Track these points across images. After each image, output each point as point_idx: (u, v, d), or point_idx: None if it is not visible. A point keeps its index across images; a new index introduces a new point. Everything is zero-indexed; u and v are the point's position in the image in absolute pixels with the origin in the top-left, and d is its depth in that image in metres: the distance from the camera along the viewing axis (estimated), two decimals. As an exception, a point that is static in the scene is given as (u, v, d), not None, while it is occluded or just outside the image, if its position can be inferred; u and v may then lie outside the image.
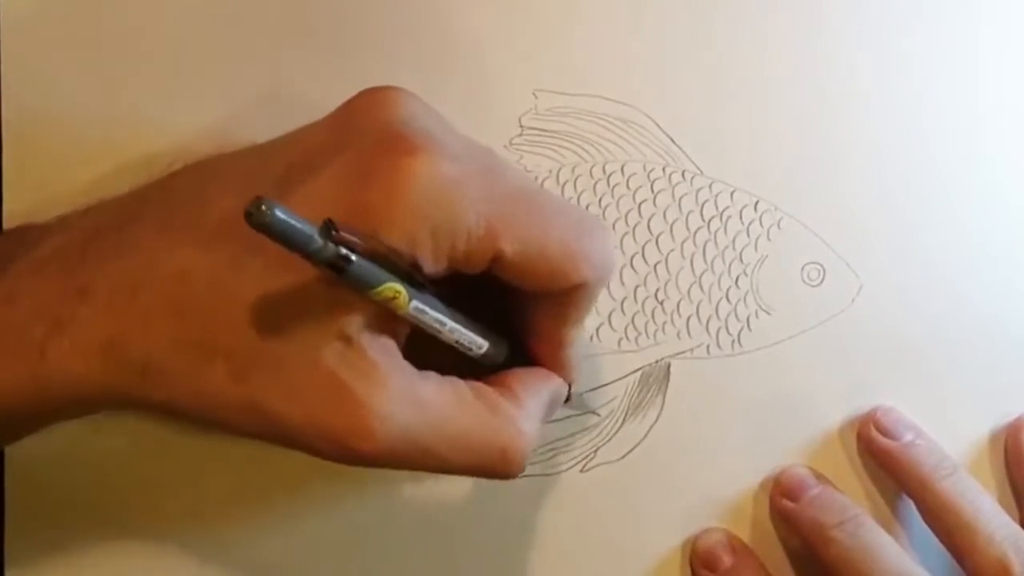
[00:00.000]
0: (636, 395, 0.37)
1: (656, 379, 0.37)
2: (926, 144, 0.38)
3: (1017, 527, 0.35)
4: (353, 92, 0.35)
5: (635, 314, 0.37)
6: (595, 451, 0.37)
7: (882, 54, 0.38)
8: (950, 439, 0.37)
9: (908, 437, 0.37)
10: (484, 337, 0.30)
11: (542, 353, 0.32)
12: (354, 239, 0.25)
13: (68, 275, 0.28)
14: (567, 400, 0.33)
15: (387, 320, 0.27)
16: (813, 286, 0.37)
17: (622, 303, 0.37)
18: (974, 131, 0.38)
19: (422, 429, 0.27)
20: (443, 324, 0.28)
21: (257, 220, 0.22)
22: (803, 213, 0.37)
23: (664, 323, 0.37)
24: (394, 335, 0.28)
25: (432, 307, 0.27)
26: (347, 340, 0.26)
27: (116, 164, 0.35)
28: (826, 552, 0.35)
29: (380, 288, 0.25)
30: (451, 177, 0.26)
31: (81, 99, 0.35)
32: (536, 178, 0.37)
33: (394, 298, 0.26)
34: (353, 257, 0.24)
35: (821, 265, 0.37)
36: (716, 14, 0.37)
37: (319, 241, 0.24)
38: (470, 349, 0.30)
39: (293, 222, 0.23)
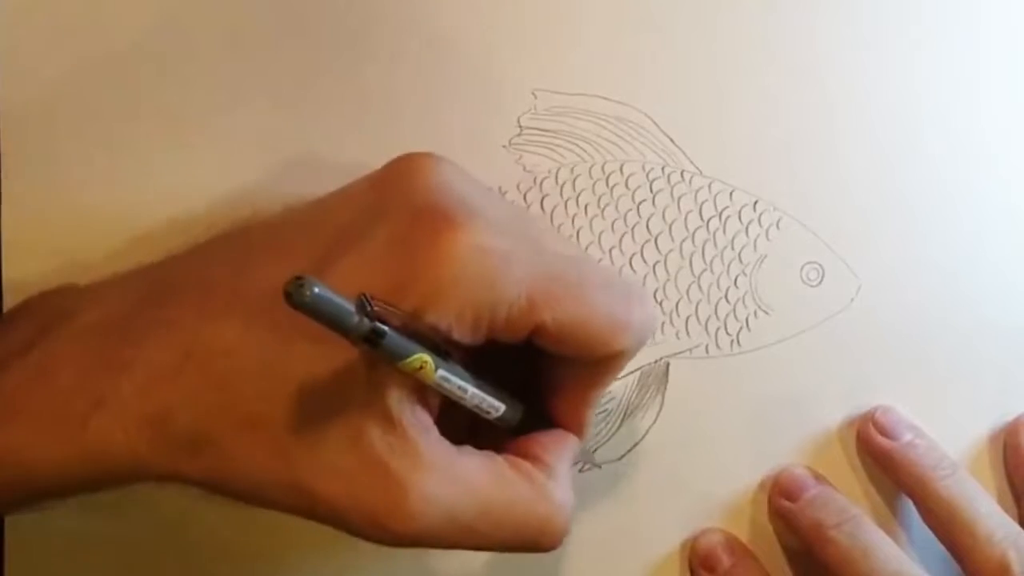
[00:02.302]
0: (635, 395, 0.37)
1: (655, 379, 0.37)
2: (926, 143, 0.38)
3: (1016, 527, 0.35)
4: (352, 95, 0.36)
5: (634, 314, 0.37)
6: (594, 451, 0.37)
7: (882, 54, 0.38)
8: (950, 439, 0.37)
9: (907, 437, 0.37)
10: (500, 400, 0.30)
11: (561, 412, 0.31)
12: (389, 313, 0.25)
13: (109, 349, 0.28)
14: None
15: (422, 395, 0.27)
16: (812, 286, 0.37)
17: (621, 303, 0.37)
18: (974, 130, 0.38)
19: (463, 508, 0.27)
20: (464, 391, 0.28)
21: (297, 300, 0.23)
22: (802, 213, 0.37)
23: (663, 323, 0.37)
24: (429, 409, 0.28)
25: (456, 374, 0.27)
26: (389, 420, 0.27)
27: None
28: (825, 552, 0.35)
29: (410, 359, 0.25)
30: (492, 251, 0.26)
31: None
32: (535, 178, 0.37)
33: (421, 368, 0.26)
34: (387, 330, 0.24)
35: (820, 265, 0.37)
36: (715, 14, 0.37)
37: (356, 318, 0.24)
38: (488, 412, 0.29)
39: (332, 299, 0.23)
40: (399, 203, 0.27)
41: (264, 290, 0.27)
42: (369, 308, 0.24)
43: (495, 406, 0.29)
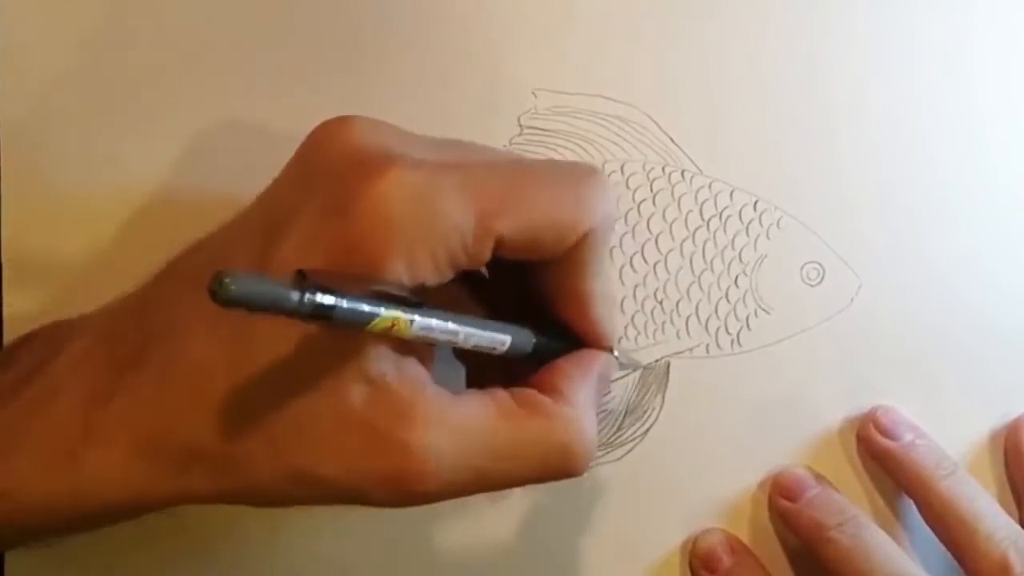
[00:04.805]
0: (635, 395, 0.37)
1: (655, 379, 0.37)
2: (926, 143, 0.38)
3: (1017, 527, 0.35)
4: (352, 94, 0.36)
5: (634, 313, 0.37)
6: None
7: (882, 54, 0.38)
8: (950, 439, 0.37)
9: (908, 437, 0.37)
10: (503, 332, 0.29)
11: (574, 320, 0.30)
12: (338, 281, 0.24)
13: (94, 381, 0.28)
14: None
15: (407, 346, 0.26)
16: (812, 286, 0.37)
17: (621, 302, 0.37)
18: (974, 130, 0.38)
19: (472, 454, 0.27)
20: (455, 334, 0.27)
21: (222, 296, 0.21)
22: (802, 212, 0.37)
23: (663, 322, 0.37)
24: (421, 359, 0.27)
25: (439, 318, 0.26)
26: (370, 382, 0.26)
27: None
28: (825, 552, 0.35)
29: (375, 323, 0.24)
30: (423, 183, 0.26)
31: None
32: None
33: (393, 326, 0.25)
34: (334, 301, 0.23)
35: (820, 264, 0.37)
36: (716, 13, 0.37)
37: (294, 298, 0.23)
38: (493, 349, 0.28)
39: (260, 286, 0.22)
40: (321, 171, 0.27)
41: None
42: (307, 282, 0.23)
43: (497, 340, 0.28)
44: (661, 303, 0.37)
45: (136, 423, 0.27)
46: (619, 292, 0.37)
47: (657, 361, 0.37)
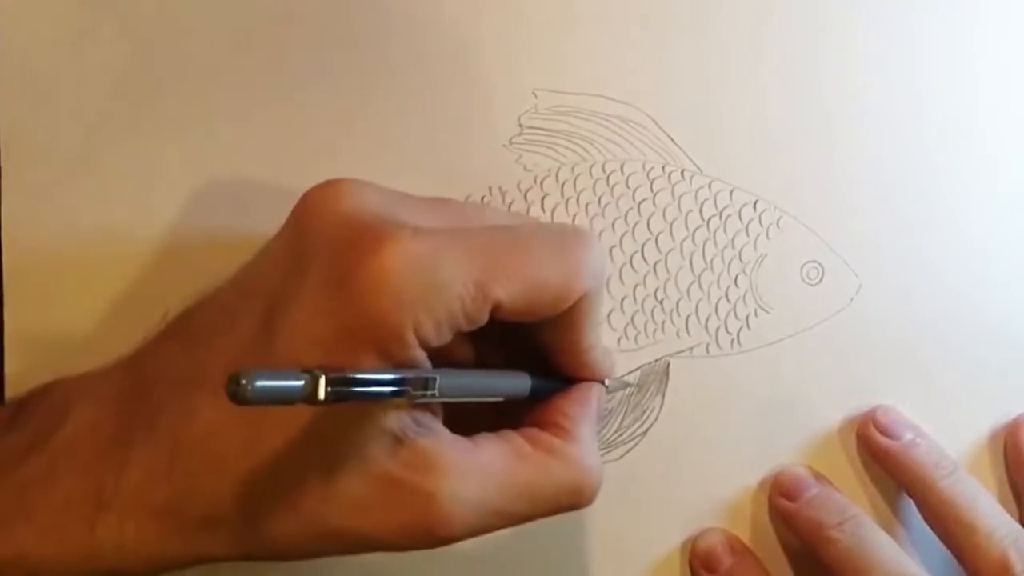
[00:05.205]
0: (635, 394, 0.37)
1: (655, 378, 0.37)
2: (925, 143, 0.38)
3: (1017, 525, 0.35)
4: (352, 95, 0.36)
5: (634, 313, 0.37)
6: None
7: (882, 54, 0.38)
8: (950, 439, 0.37)
9: (907, 436, 0.37)
10: (501, 379, 0.30)
11: (570, 367, 0.32)
12: (343, 372, 0.24)
13: (104, 449, 0.28)
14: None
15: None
16: (812, 285, 0.37)
17: (621, 302, 0.37)
18: (974, 130, 0.38)
19: (493, 496, 0.28)
20: (459, 393, 0.28)
21: (242, 398, 0.21)
22: (802, 212, 0.37)
23: (663, 322, 0.37)
24: (432, 409, 0.28)
25: (442, 383, 0.27)
26: (393, 437, 0.27)
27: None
28: (825, 552, 0.35)
29: (395, 401, 0.25)
30: (424, 253, 0.26)
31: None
32: (535, 178, 0.37)
33: (409, 399, 0.26)
34: (351, 390, 0.24)
35: (820, 264, 0.37)
36: (715, 13, 0.37)
37: (308, 389, 0.23)
38: (494, 398, 0.30)
39: (277, 384, 0.22)
40: (317, 244, 0.27)
41: (222, 364, 0.27)
42: (323, 377, 0.23)
43: (498, 392, 0.30)
44: (661, 302, 0.37)
45: (151, 493, 0.27)
46: (618, 291, 0.37)
47: (657, 361, 0.37)
